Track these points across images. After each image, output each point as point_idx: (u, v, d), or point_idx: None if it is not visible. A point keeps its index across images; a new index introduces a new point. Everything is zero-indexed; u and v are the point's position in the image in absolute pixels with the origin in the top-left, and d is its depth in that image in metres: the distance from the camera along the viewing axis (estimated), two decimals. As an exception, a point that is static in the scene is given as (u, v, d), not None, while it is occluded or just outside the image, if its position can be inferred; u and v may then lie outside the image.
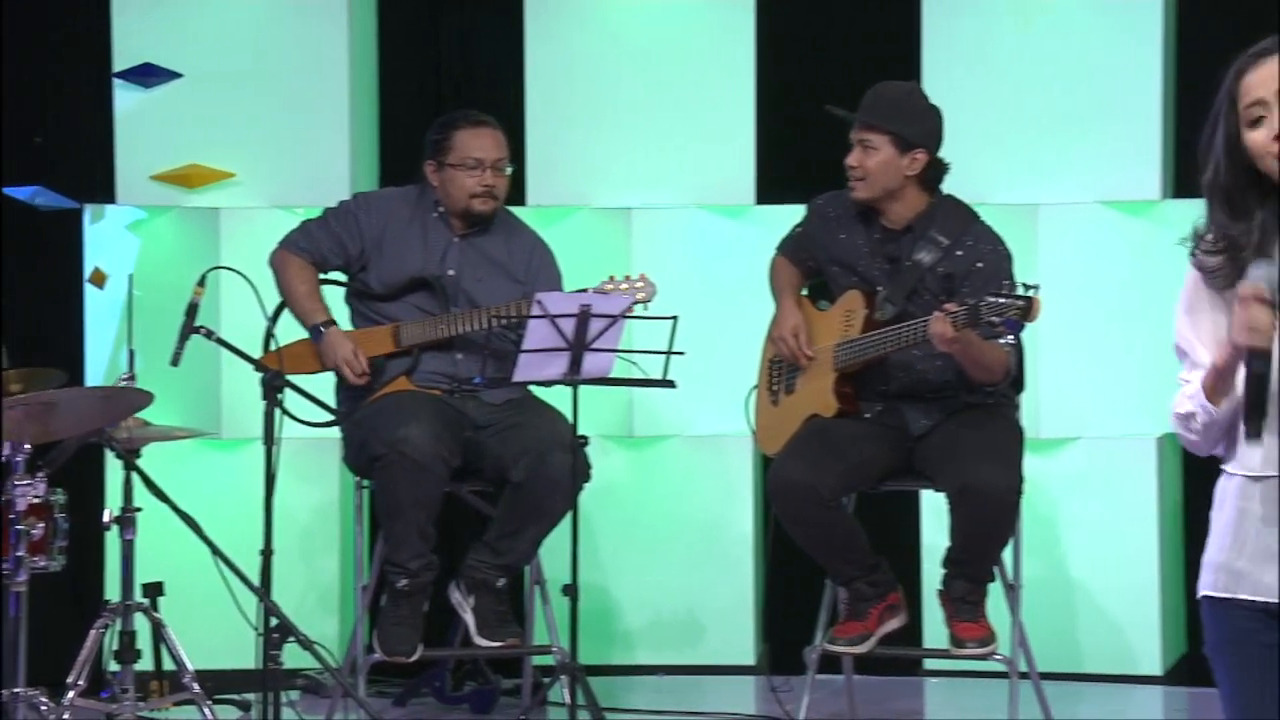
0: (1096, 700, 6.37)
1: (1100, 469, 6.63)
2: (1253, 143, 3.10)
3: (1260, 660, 3.28)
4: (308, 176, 6.67)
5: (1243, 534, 3.26)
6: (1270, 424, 3.22)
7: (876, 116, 5.71)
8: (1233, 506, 3.27)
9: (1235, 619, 3.28)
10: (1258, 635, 3.27)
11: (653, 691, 6.50)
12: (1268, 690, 3.29)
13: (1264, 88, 3.10)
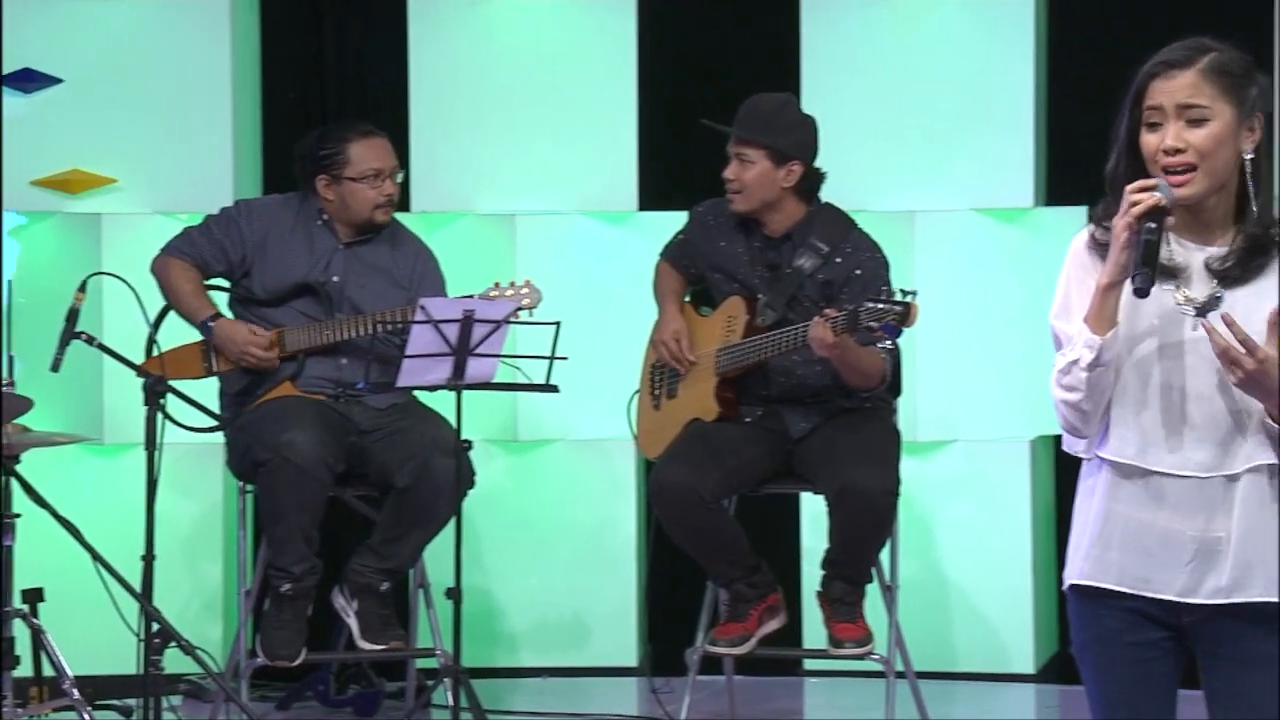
0: (971, 698, 6.41)
1: (975, 471, 6.67)
2: (1147, 145, 3.23)
3: (1126, 659, 3.30)
4: (190, 183, 6.62)
5: (1112, 525, 3.28)
6: (1139, 409, 3.26)
7: (751, 130, 5.74)
8: (1103, 496, 3.29)
9: (1101, 618, 3.30)
10: (1123, 634, 3.30)
11: (536, 693, 6.50)
12: (1134, 689, 3.31)
13: (1166, 97, 3.22)
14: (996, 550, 6.64)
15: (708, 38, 6.93)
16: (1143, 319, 3.27)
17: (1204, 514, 3.25)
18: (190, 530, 6.56)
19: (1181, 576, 3.26)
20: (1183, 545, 3.26)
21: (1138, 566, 3.28)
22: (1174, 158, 3.21)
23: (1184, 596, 3.26)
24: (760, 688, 6.44)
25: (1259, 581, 3.26)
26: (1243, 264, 3.25)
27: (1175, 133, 3.21)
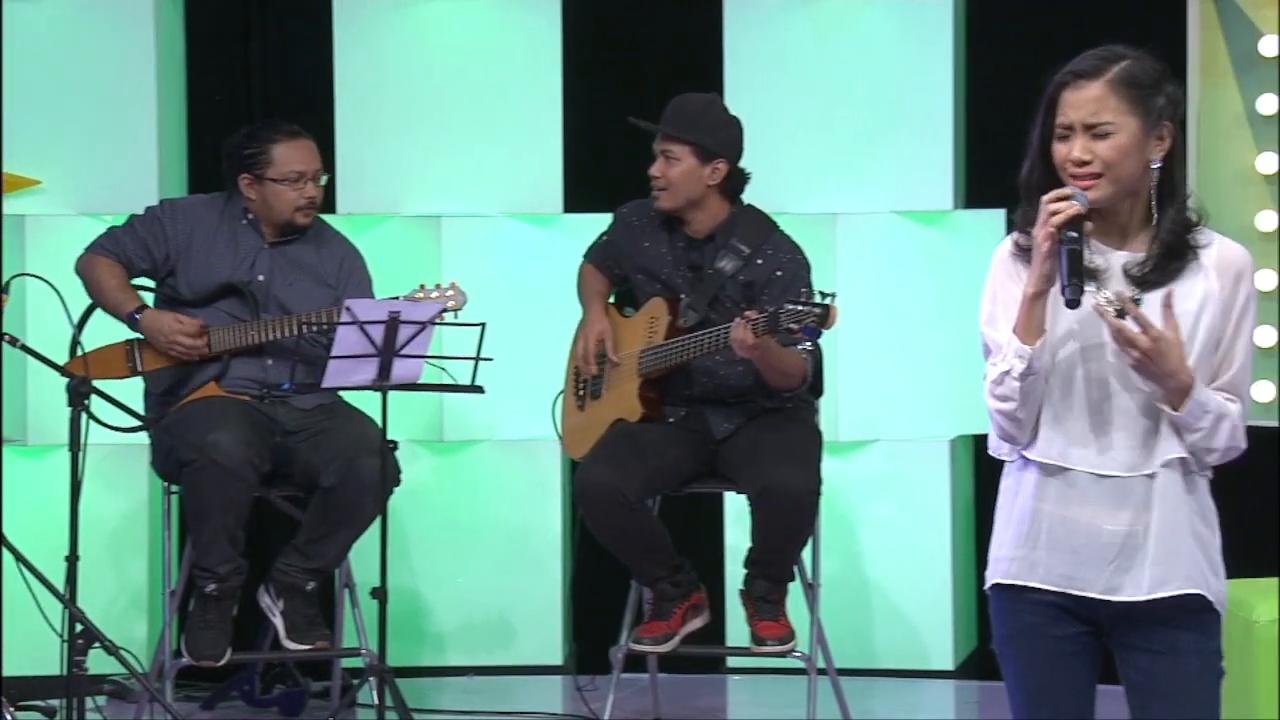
0: (891, 695, 6.43)
1: (896, 471, 6.70)
2: (1057, 154, 3.31)
3: (1048, 653, 3.33)
4: (115, 184, 6.59)
5: (1038, 525, 3.29)
6: (1062, 410, 3.30)
7: (678, 127, 5.76)
8: (1029, 496, 3.32)
9: (1023, 613, 3.34)
10: (1046, 628, 3.33)
11: (462, 692, 6.48)
12: (1055, 683, 3.34)
13: (1075, 111, 3.29)
14: (917, 548, 6.67)
15: (632, 42, 6.95)
16: (1063, 321, 3.31)
17: (1127, 511, 3.29)
18: (115, 530, 6.52)
19: (1105, 574, 3.29)
20: (1106, 543, 3.29)
21: (1063, 565, 3.31)
22: (1081, 168, 3.28)
23: (1108, 595, 3.30)
24: (684, 685, 6.45)
25: (1179, 575, 3.29)
26: (1160, 268, 3.31)
27: (1082, 145, 3.28)
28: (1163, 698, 3.32)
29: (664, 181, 5.78)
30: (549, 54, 6.76)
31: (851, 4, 6.71)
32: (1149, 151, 3.30)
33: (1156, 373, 3.24)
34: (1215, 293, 3.31)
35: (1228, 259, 3.34)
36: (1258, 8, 6.46)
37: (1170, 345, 3.23)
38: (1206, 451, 3.30)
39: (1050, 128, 3.31)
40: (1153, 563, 3.27)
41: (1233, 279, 3.32)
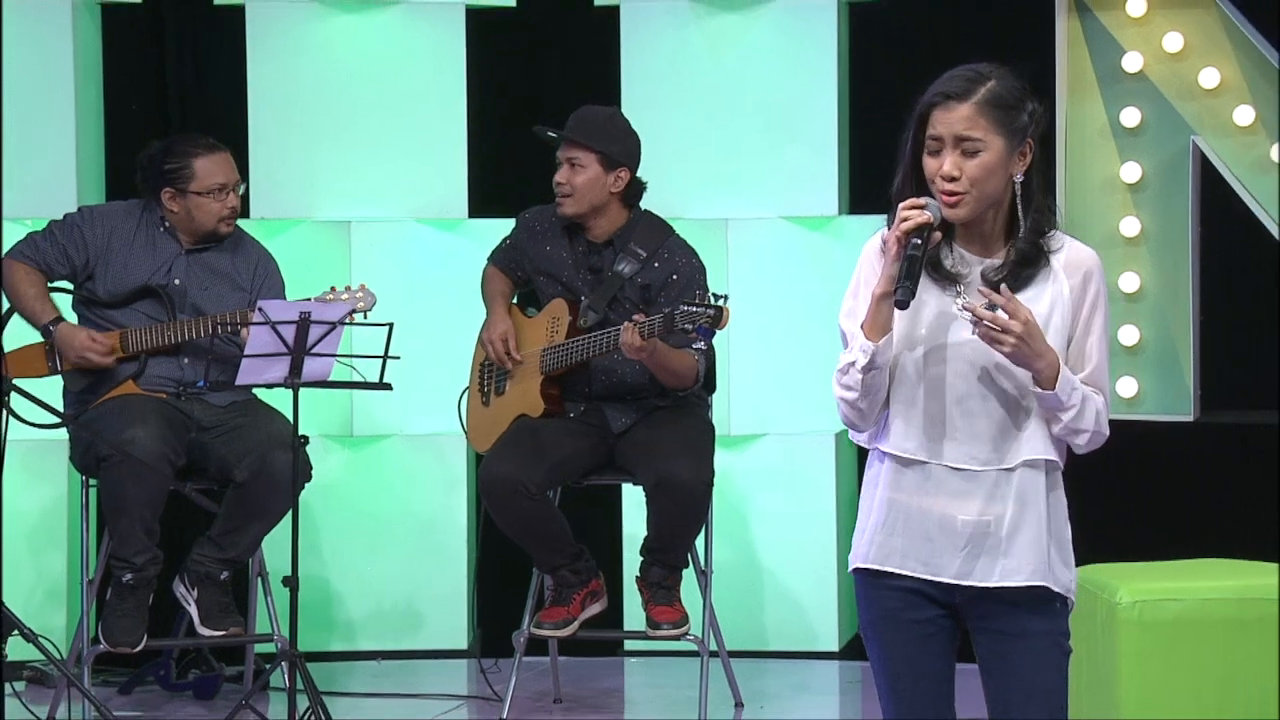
0: (780, 675, 6.44)
1: (785, 463, 6.72)
2: (928, 167, 3.34)
3: (907, 635, 3.37)
4: (34, 189, 6.50)
5: (895, 513, 3.34)
6: (920, 405, 3.34)
7: (585, 136, 5.78)
8: (885, 487, 3.36)
9: (884, 598, 3.37)
10: (905, 612, 3.37)
11: (371, 675, 6.46)
12: (915, 663, 3.38)
13: (945, 128, 3.32)
14: (804, 537, 6.70)
15: (533, 56, 6.94)
16: (925, 322, 3.34)
17: (978, 503, 3.32)
18: (34, 522, 6.46)
19: (957, 561, 3.33)
20: (958, 532, 3.33)
21: (918, 551, 3.35)
22: (950, 184, 3.31)
23: (959, 579, 3.33)
24: (583, 668, 6.45)
25: (1027, 568, 3.33)
26: (1014, 275, 3.34)
27: (953, 161, 3.31)
28: (1013, 676, 3.36)
29: (569, 188, 5.78)
30: (453, 67, 6.74)
31: (742, 21, 6.74)
32: (1012, 168, 3.34)
33: (1029, 354, 3.26)
34: (1064, 294, 3.34)
35: (1076, 261, 3.37)
36: (1121, 26, 6.52)
37: (1035, 325, 3.27)
38: (1076, 433, 3.32)
39: (921, 143, 3.34)
40: (1003, 554, 3.31)
41: (1081, 279, 3.36)
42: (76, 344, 5.78)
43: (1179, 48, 6.45)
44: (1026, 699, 3.35)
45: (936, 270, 3.34)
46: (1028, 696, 3.35)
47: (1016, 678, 3.35)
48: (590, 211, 5.80)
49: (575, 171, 5.77)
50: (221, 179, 5.86)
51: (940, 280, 3.34)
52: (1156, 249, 6.48)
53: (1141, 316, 6.46)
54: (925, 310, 3.33)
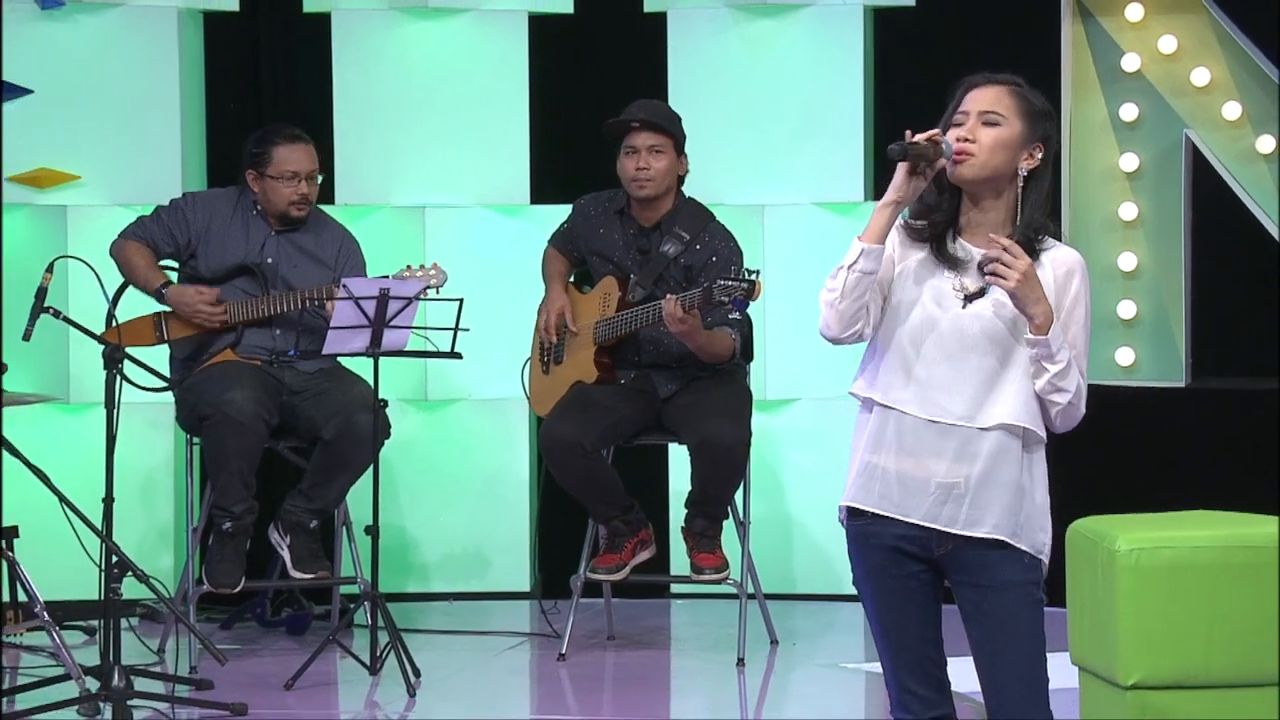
0: (810, 615, 6.44)
1: (815, 424, 6.70)
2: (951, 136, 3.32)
3: (893, 589, 3.37)
4: (143, 178, 6.53)
5: (877, 458, 3.36)
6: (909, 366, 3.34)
7: (666, 122, 5.73)
8: (871, 435, 3.38)
9: (870, 556, 3.38)
10: (889, 569, 3.37)
11: (443, 614, 6.47)
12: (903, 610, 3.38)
13: (973, 104, 3.33)
14: (832, 491, 6.56)
15: (588, 58, 6.92)
16: (923, 294, 3.34)
17: (949, 458, 3.30)
18: (145, 476, 6.50)
19: (926, 504, 3.32)
20: (928, 480, 3.32)
21: (893, 494, 3.34)
22: (964, 144, 3.31)
23: (926, 521, 3.32)
24: (633, 609, 6.44)
25: (989, 521, 3.32)
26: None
27: (971, 127, 3.32)
28: (991, 624, 3.34)
29: (652, 172, 5.72)
30: (517, 68, 6.75)
31: (777, 26, 6.71)
32: (1020, 158, 3.33)
33: (1030, 295, 3.25)
34: (1049, 285, 3.31)
35: (1061, 260, 3.35)
36: (1120, 30, 6.50)
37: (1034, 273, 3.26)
38: (1058, 390, 3.29)
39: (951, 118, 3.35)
40: (969, 505, 3.30)
41: (1064, 276, 3.34)
42: (188, 299, 5.81)
43: (1173, 50, 6.42)
44: (1004, 645, 3.33)
45: (941, 254, 3.34)
46: (1005, 643, 3.33)
47: (995, 625, 3.33)
48: (663, 193, 5.77)
49: (656, 156, 5.72)
50: (295, 167, 5.86)
51: (943, 263, 3.34)
52: (1152, 231, 6.47)
53: (1138, 292, 6.45)
54: (926, 285, 3.33)
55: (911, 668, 3.37)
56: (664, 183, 5.75)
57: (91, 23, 6.60)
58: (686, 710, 5.50)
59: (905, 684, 3.37)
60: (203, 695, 5.21)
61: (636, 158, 5.73)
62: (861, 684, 5.68)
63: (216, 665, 5.39)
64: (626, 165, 5.76)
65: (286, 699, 5.30)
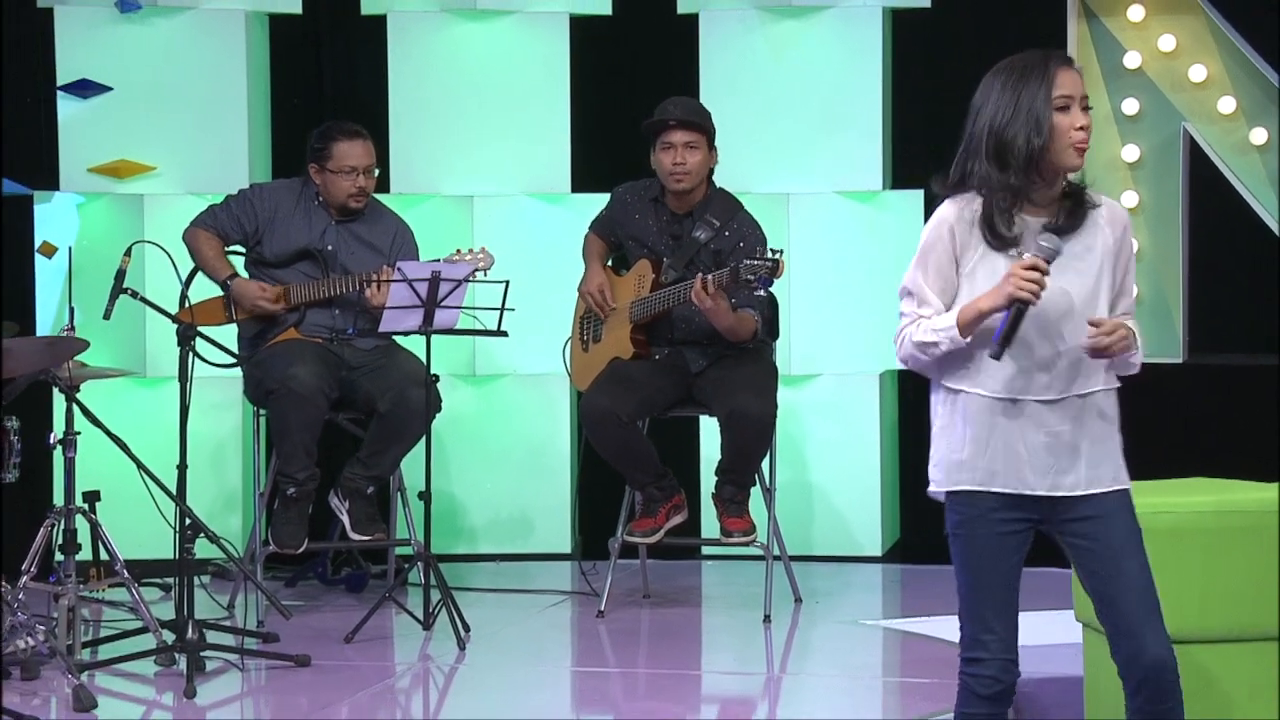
0: (831, 575, 6.43)
1: (836, 398, 6.69)
2: (1060, 122, 3.24)
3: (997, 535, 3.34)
4: (214, 169, 6.56)
5: (992, 443, 3.31)
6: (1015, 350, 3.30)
7: (701, 119, 5.73)
8: (972, 422, 3.32)
9: (978, 501, 3.32)
10: (995, 519, 3.33)
11: (490, 574, 6.48)
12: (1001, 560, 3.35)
13: (1075, 88, 3.25)
14: (852, 460, 6.68)
15: (625, 57, 6.91)
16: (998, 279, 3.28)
17: (1061, 427, 3.30)
18: (215, 445, 6.53)
19: (1049, 477, 3.31)
20: (1045, 451, 3.31)
21: (1012, 470, 3.31)
22: (1082, 134, 3.26)
23: (1052, 492, 3.31)
24: (667, 569, 6.44)
25: (1108, 476, 3.34)
26: (1071, 217, 3.31)
27: (1083, 118, 3.27)
28: (1103, 552, 3.33)
29: (688, 167, 5.71)
30: (559, 66, 6.74)
31: (801, 26, 6.70)
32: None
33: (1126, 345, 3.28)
34: (1109, 244, 3.32)
35: (1116, 218, 3.36)
36: (1122, 29, 6.47)
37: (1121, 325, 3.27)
38: (1132, 366, 3.37)
39: (1044, 101, 3.23)
40: (1087, 465, 3.30)
41: (1121, 230, 3.35)
42: (250, 294, 5.84)
43: (1172, 48, 6.40)
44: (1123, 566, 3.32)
45: (995, 236, 3.28)
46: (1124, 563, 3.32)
47: (1106, 554, 3.31)
48: (698, 184, 5.77)
49: (691, 152, 5.71)
50: (354, 162, 5.87)
51: (1001, 245, 3.28)
52: (1152, 218, 6.45)
53: (1139, 275, 6.41)
54: (998, 271, 3.28)
55: (1000, 608, 3.34)
56: (698, 175, 5.76)
57: (166, 25, 6.62)
58: (716, 664, 5.51)
59: (990, 624, 3.34)
60: (269, 647, 5.24)
61: (673, 153, 5.74)
62: (879, 639, 5.67)
63: (282, 620, 5.45)
64: (664, 160, 5.76)
65: (346, 651, 5.32)
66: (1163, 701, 3.33)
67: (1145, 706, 3.33)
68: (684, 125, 5.72)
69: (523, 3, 6.74)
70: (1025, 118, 3.24)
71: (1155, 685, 3.32)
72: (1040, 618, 5.70)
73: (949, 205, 3.32)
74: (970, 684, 3.37)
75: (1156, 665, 3.31)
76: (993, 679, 3.35)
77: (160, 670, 5.06)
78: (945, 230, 3.31)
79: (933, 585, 6.32)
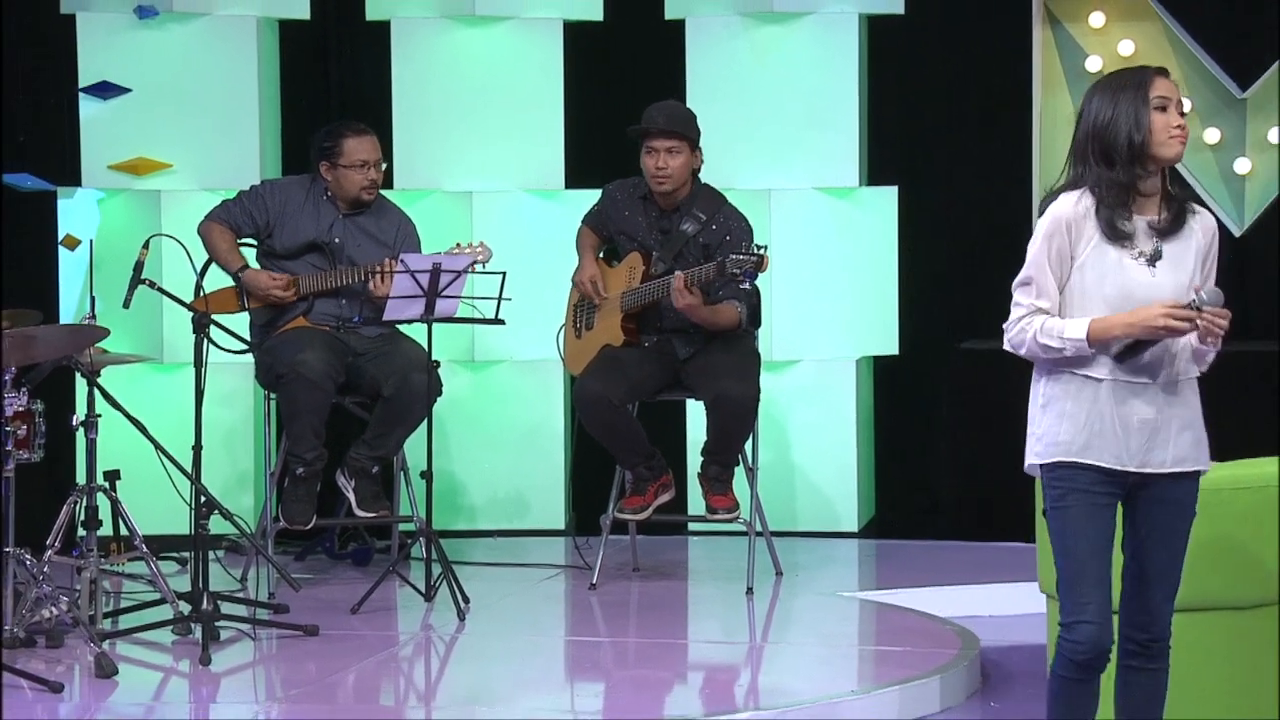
0: (811, 550, 6.44)
1: (815, 383, 6.70)
2: (1156, 120, 3.40)
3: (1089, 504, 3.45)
4: (227, 166, 6.57)
5: (1092, 419, 3.44)
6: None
7: (682, 127, 5.74)
8: (1077, 398, 3.45)
9: (1076, 479, 3.46)
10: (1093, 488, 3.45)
11: (488, 549, 6.48)
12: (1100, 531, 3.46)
13: (1170, 92, 3.43)
14: (831, 441, 6.69)
15: (616, 60, 6.91)
16: (1109, 272, 3.43)
17: (1154, 409, 3.44)
18: (228, 427, 6.53)
19: (1140, 452, 3.46)
20: (1138, 430, 3.45)
21: (1108, 446, 3.45)
22: (1180, 130, 3.41)
23: (1141, 468, 3.46)
24: (655, 544, 6.43)
25: (1192, 457, 3.49)
26: (1174, 221, 3.45)
27: (1179, 118, 3.43)
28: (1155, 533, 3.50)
29: (670, 170, 5.71)
30: (553, 69, 6.74)
31: (782, 32, 6.70)
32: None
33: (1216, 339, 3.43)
34: (1203, 246, 3.48)
35: (1206, 226, 3.53)
36: (1084, 35, 6.49)
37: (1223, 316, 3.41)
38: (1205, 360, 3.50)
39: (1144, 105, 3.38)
40: (1174, 446, 3.45)
41: (1210, 239, 3.51)
42: (261, 284, 5.84)
43: (1131, 52, 6.42)
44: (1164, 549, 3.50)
45: (1114, 232, 3.41)
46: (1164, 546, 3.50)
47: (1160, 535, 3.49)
48: (681, 185, 5.78)
49: (673, 156, 5.70)
50: (364, 156, 5.86)
51: (1118, 241, 3.42)
52: (1113, 213, 6.46)
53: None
54: (1107, 259, 3.42)
55: (1101, 576, 3.45)
56: (680, 178, 5.77)
57: (182, 31, 6.62)
58: (702, 633, 5.52)
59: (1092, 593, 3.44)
60: (280, 618, 5.25)
61: (656, 158, 5.74)
62: (856, 610, 5.68)
63: (291, 592, 5.46)
64: (648, 163, 5.78)
65: (353, 621, 5.33)
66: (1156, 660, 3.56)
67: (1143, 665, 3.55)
68: (665, 133, 5.73)
69: (519, 9, 6.74)
70: (1125, 118, 3.40)
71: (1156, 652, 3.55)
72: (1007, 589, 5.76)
73: (1062, 201, 3.45)
74: (1067, 650, 3.47)
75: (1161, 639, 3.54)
76: (1088, 645, 3.45)
77: (177, 639, 5.07)
78: (1062, 225, 3.43)
79: (907, 559, 6.35)
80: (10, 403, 4.95)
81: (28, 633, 4.89)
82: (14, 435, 4.94)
